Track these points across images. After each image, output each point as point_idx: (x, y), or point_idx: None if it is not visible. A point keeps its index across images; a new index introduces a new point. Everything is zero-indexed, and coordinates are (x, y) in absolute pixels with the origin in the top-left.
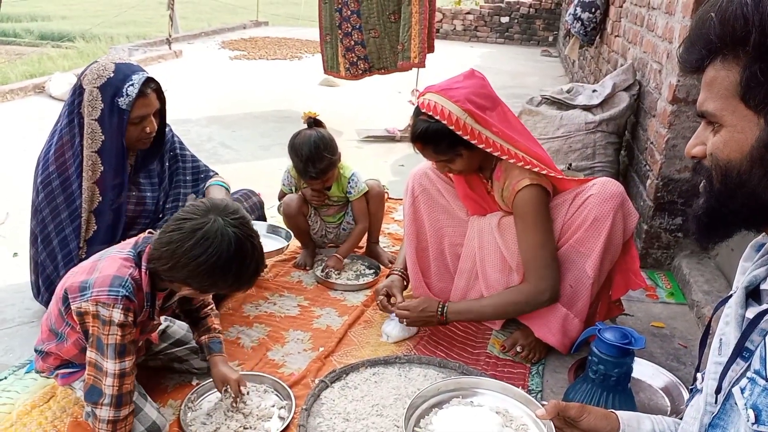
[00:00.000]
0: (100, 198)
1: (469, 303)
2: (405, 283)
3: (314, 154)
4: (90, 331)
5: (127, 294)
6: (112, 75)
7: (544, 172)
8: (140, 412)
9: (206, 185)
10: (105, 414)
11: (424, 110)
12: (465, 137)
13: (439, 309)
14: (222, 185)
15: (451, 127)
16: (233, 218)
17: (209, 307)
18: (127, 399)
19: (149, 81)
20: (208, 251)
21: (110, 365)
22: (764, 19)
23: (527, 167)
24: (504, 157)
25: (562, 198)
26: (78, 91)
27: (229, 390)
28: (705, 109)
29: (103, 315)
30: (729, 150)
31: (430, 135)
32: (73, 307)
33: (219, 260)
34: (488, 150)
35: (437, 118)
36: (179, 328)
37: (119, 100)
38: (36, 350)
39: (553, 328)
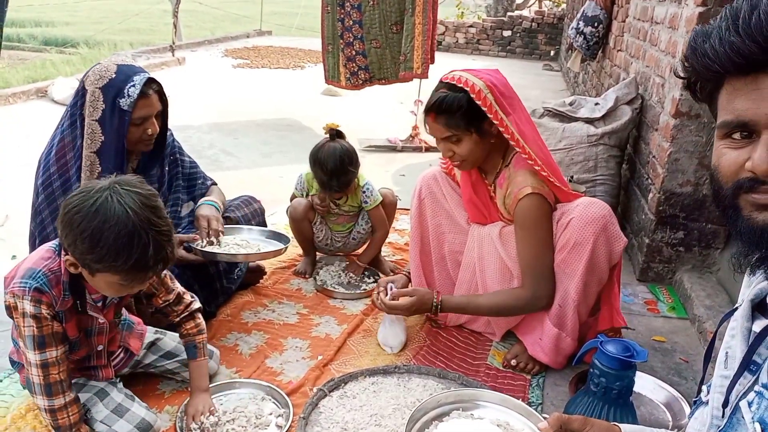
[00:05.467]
0: None
1: (466, 298)
2: (409, 284)
3: (339, 169)
4: (17, 324)
5: (37, 285)
6: (114, 76)
7: (545, 173)
8: (127, 411)
9: (198, 204)
10: (41, 403)
11: (446, 81)
12: (483, 109)
13: (434, 303)
14: (212, 204)
15: (473, 96)
16: (130, 191)
17: (183, 314)
18: (58, 388)
19: (151, 82)
20: (92, 225)
21: (31, 356)
22: None
23: (530, 161)
24: (513, 143)
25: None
26: (81, 92)
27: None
28: None
29: (20, 307)
30: None
31: (447, 104)
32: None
33: (102, 233)
34: (501, 130)
35: (461, 86)
36: (170, 340)
37: (120, 100)
38: (12, 362)
39: (546, 347)
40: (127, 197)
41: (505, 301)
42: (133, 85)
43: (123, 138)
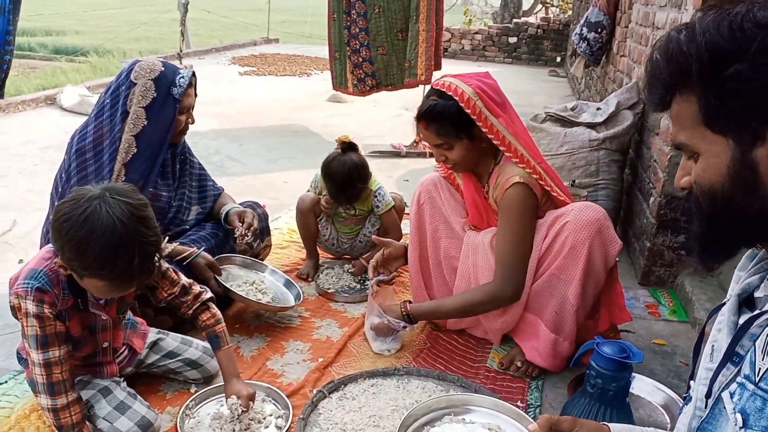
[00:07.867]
0: (124, 179)
1: (433, 303)
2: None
3: (347, 184)
4: (21, 324)
5: (39, 285)
6: (163, 68)
7: (535, 176)
8: (128, 409)
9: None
10: (44, 402)
11: (437, 88)
12: (473, 117)
13: (403, 311)
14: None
15: (462, 104)
16: (120, 200)
17: (195, 306)
18: (60, 388)
19: (193, 75)
20: (80, 234)
21: (34, 355)
22: (700, 50)
23: (521, 165)
24: (503, 149)
25: (544, 219)
26: (126, 84)
27: (236, 402)
28: (679, 141)
29: (23, 307)
30: (710, 175)
31: (437, 112)
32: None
33: (88, 243)
34: (490, 137)
35: (450, 94)
36: (172, 340)
37: (174, 90)
38: (19, 358)
39: (543, 352)
40: (116, 207)
41: (472, 299)
42: (182, 77)
43: (170, 124)
